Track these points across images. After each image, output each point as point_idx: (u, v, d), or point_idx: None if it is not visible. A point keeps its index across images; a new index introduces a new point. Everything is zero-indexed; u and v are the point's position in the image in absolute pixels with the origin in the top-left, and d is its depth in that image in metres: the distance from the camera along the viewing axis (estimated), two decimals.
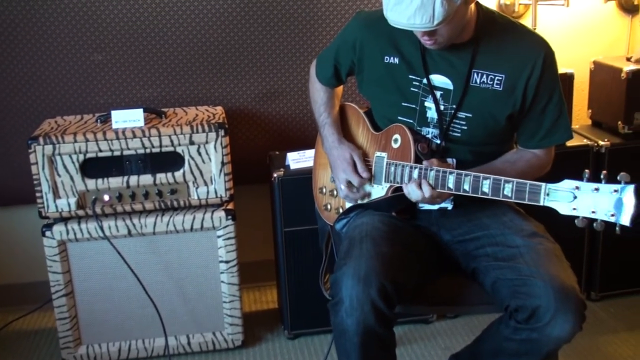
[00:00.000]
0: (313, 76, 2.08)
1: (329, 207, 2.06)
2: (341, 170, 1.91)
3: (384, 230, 1.77)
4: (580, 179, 1.50)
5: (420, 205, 1.87)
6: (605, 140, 2.59)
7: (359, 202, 1.94)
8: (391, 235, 1.76)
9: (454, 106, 1.77)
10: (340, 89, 2.11)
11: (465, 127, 1.78)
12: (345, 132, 2.01)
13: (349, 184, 1.90)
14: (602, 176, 1.48)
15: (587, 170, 1.50)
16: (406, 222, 1.88)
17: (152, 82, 2.66)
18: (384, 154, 1.87)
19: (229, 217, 2.38)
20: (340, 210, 2.01)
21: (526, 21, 2.72)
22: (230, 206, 2.42)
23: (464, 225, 1.87)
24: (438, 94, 1.78)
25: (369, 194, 1.91)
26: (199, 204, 2.38)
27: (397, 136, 1.84)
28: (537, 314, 1.61)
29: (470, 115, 1.77)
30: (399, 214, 1.89)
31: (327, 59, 2.01)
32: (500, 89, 1.74)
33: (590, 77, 2.74)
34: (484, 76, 1.74)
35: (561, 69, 2.01)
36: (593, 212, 1.47)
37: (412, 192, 1.73)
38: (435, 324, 2.64)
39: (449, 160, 1.78)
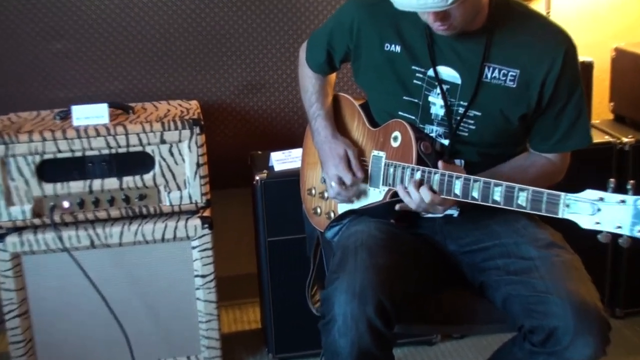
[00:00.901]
0: (303, 61, 2.08)
1: (318, 210, 2.06)
2: (332, 166, 1.91)
3: (381, 239, 1.77)
4: (604, 186, 1.49)
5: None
6: (630, 136, 2.59)
7: (353, 207, 1.94)
8: (390, 245, 1.76)
9: (462, 103, 1.77)
10: (333, 76, 2.11)
11: (474, 127, 1.78)
12: (337, 126, 2.01)
13: (341, 182, 1.90)
14: (629, 186, 1.47)
15: (612, 180, 1.50)
16: (407, 230, 1.88)
17: (117, 73, 2.66)
18: (381, 153, 1.87)
19: (206, 225, 2.39)
20: (332, 216, 2.01)
21: (539, 4, 2.72)
22: (206, 213, 2.42)
23: (472, 234, 1.87)
24: (444, 88, 1.78)
25: (363, 193, 1.91)
26: (171, 210, 2.38)
27: (397, 133, 1.84)
28: (554, 336, 1.60)
29: (479, 113, 1.77)
30: (399, 221, 1.89)
31: (319, 43, 2.01)
32: (514, 85, 1.74)
33: (612, 66, 2.75)
34: (497, 71, 1.74)
35: (579, 57, 1.85)
36: (619, 227, 1.46)
37: (413, 197, 1.72)
38: (440, 346, 2.63)
39: (457, 162, 1.78)
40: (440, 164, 1.71)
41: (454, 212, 1.85)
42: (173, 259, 2.40)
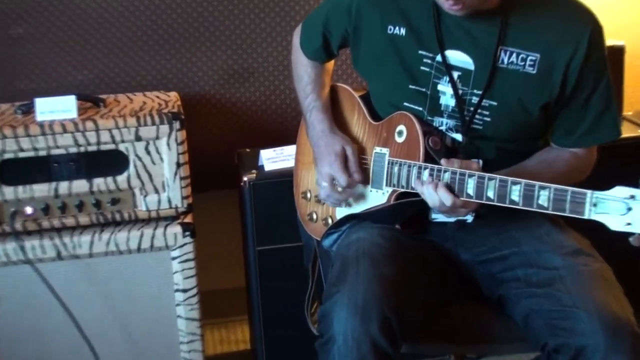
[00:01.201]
0: (297, 47, 2.10)
1: (314, 216, 2.08)
2: (327, 164, 1.92)
3: (385, 246, 1.78)
4: (635, 184, 1.48)
5: (433, 216, 1.88)
6: None
7: (353, 211, 1.95)
8: (395, 253, 1.77)
9: (475, 91, 1.78)
10: (331, 64, 2.13)
11: (489, 119, 1.79)
12: (335, 120, 2.02)
13: (333, 182, 1.92)
14: None
15: None
16: (414, 236, 1.89)
17: (87, 61, 2.66)
18: (384, 150, 1.88)
19: (187, 233, 2.40)
20: (330, 222, 2.02)
21: None
22: (188, 219, 2.43)
23: (488, 241, 1.88)
24: (455, 75, 1.79)
25: (364, 196, 1.93)
26: (147, 216, 2.39)
27: (402, 127, 1.85)
28: (582, 356, 1.60)
29: (495, 103, 1.78)
30: (405, 227, 1.90)
31: (314, 26, 2.03)
32: (534, 71, 1.75)
33: None
34: (514, 55, 1.75)
35: (608, 41, 1.98)
36: None
37: (429, 196, 1.73)
38: None
39: (475, 160, 1.77)
40: (443, 161, 1.72)
41: (468, 217, 1.84)
42: (150, 271, 2.40)
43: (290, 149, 2.40)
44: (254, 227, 2.48)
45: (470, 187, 1.67)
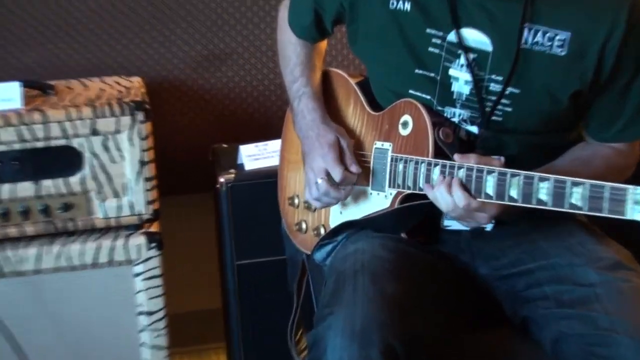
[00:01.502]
0: (284, 23, 2.11)
1: (303, 226, 2.09)
2: (319, 157, 1.93)
3: (389, 260, 1.78)
4: None
5: (446, 223, 1.88)
6: None
7: (350, 218, 1.95)
8: (400, 268, 1.78)
9: (494, 77, 1.79)
10: (323, 44, 2.14)
11: (511, 109, 1.80)
12: (328, 110, 2.03)
13: (329, 178, 1.91)
14: None
15: None
16: (423, 247, 1.90)
17: (34, 41, 2.66)
18: (387, 145, 1.89)
19: (153, 244, 2.40)
20: (322, 231, 2.02)
21: None
22: (154, 228, 2.44)
23: (511, 253, 1.88)
24: (470, 57, 1.79)
25: (363, 199, 1.94)
26: (106, 225, 2.39)
27: (407, 118, 1.85)
28: None
29: (517, 91, 1.78)
30: (412, 236, 1.90)
31: (303, 0, 2.04)
32: (564, 53, 1.75)
33: None
34: (540, 34, 1.75)
35: None
36: None
37: (441, 198, 1.72)
38: None
39: (496, 158, 1.75)
40: (456, 156, 1.73)
41: (488, 224, 1.81)
42: (109, 290, 2.40)
43: (275, 145, 2.39)
44: (232, 237, 2.49)
45: (490, 185, 1.66)
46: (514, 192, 1.63)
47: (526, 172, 1.63)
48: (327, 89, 2.08)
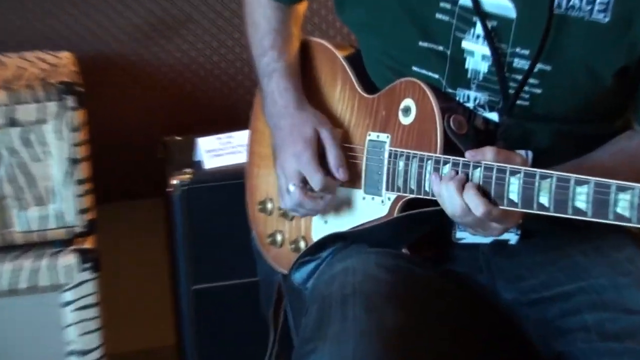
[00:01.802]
0: None
1: (278, 238, 2.07)
2: (292, 156, 1.92)
3: (387, 282, 1.75)
4: None
5: (458, 235, 1.84)
6: None
7: (338, 229, 1.93)
8: (401, 293, 1.75)
9: (519, 50, 1.77)
10: (302, 6, 2.12)
11: (540, 91, 1.78)
12: (307, 91, 2.03)
13: (304, 184, 1.90)
14: None
15: None
16: (430, 266, 1.87)
17: None
18: (384, 137, 1.86)
19: (87, 265, 2.39)
20: (302, 245, 2.00)
21: None
22: (88, 244, 2.44)
23: (542, 271, 1.85)
24: (489, 25, 1.78)
25: (353, 206, 1.92)
26: (26, 241, 2.40)
27: (409, 102, 1.82)
28: None
29: (548, 68, 1.76)
30: (416, 252, 1.87)
31: None
32: (607, 19, 1.74)
33: None
34: None
35: None
36: None
37: (447, 197, 1.68)
38: None
39: (522, 153, 1.73)
40: (470, 152, 1.69)
41: (512, 237, 1.81)
42: (31, 323, 2.41)
43: (242, 136, 2.36)
44: (188, 255, 2.49)
45: (514, 189, 1.62)
46: (544, 199, 1.59)
47: (559, 172, 1.58)
48: (306, 65, 2.07)
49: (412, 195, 1.78)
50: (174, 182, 2.44)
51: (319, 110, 1.99)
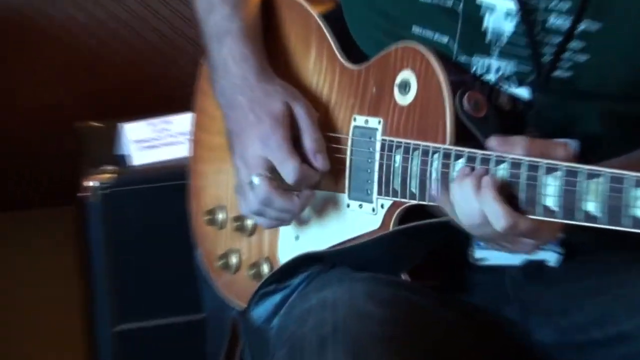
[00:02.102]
0: None
1: (233, 260, 1.97)
2: (256, 138, 1.82)
3: (380, 319, 1.66)
4: None
5: (477, 254, 1.74)
6: None
7: (314, 248, 1.85)
8: (400, 334, 1.65)
9: (552, 5, 1.69)
10: None
11: (585, 58, 1.69)
12: (272, 60, 1.93)
13: (273, 176, 1.78)
14: None
15: None
16: (438, 297, 1.77)
17: None
18: (374, 122, 1.76)
19: None
20: (265, 270, 1.92)
21: None
22: None
23: (590, 303, 1.75)
24: None
25: (326, 218, 1.86)
26: None
27: (407, 75, 1.72)
28: None
29: (596, 27, 1.68)
30: (419, 278, 1.78)
31: None
32: None
33: None
34: None
35: None
36: None
37: (462, 200, 1.58)
38: None
39: (562, 143, 1.63)
40: (493, 140, 1.59)
41: (552, 257, 1.74)
42: None
43: (183, 121, 2.33)
44: (108, 285, 2.42)
45: (551, 193, 1.52)
46: (591, 206, 1.49)
47: (612, 170, 1.47)
48: (270, 25, 1.98)
49: (413, 202, 1.67)
50: (90, 184, 2.36)
51: (289, 82, 1.89)
